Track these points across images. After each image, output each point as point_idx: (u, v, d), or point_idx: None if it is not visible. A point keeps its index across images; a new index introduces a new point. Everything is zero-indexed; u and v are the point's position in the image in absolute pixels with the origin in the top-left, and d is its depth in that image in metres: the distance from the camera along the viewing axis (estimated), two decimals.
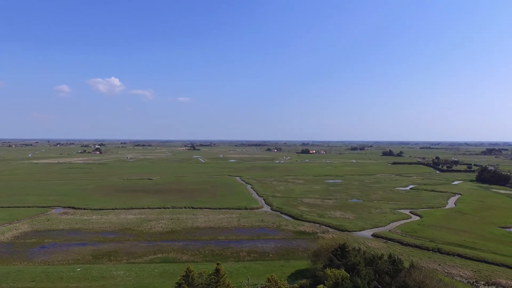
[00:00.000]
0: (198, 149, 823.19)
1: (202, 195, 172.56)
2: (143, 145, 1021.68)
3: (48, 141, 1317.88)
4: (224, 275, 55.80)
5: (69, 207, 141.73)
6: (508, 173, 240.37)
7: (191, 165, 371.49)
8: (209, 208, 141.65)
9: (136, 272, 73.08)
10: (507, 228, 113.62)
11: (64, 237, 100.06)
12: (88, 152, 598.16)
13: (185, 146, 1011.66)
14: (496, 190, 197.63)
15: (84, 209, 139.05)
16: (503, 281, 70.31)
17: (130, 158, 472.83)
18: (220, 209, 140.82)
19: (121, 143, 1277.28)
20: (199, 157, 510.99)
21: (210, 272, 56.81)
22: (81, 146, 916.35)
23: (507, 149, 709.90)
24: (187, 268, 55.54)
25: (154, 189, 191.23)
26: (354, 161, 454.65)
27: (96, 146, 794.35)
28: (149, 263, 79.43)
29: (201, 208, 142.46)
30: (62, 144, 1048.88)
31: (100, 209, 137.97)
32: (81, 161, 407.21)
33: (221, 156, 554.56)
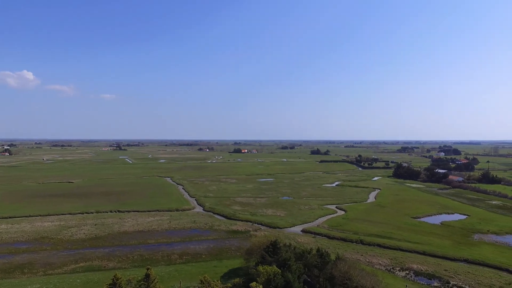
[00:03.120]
0: (124, 149, 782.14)
1: (130, 197, 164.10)
2: (62, 145, 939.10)
3: None
4: (154, 280, 53.66)
5: None
6: (419, 169, 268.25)
7: (117, 166, 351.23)
8: (138, 211, 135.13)
9: (55, 284, 66.62)
10: (418, 218, 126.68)
11: None
12: None
13: (110, 146, 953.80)
14: (409, 185, 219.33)
15: None
16: (415, 266, 78.28)
17: (47, 160, 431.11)
18: (149, 211, 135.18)
19: (36, 143, 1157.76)
20: (126, 158, 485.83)
21: (140, 278, 54.19)
22: None
23: (418, 147, 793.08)
24: (114, 276, 52.21)
25: (75, 193, 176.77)
26: (285, 159, 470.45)
27: (5, 147, 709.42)
28: (70, 274, 72.98)
29: (128, 211, 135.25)
30: None
31: (10, 217, 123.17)
32: None
33: (150, 156, 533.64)
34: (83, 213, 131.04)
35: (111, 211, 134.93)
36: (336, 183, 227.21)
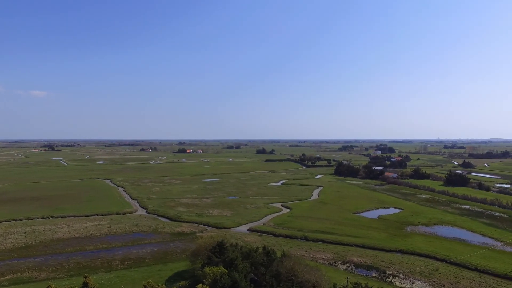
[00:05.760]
0: (58, 150, 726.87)
1: (65, 202, 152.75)
2: None
3: None
4: None
5: None
6: (358, 167, 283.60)
7: (50, 169, 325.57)
8: (74, 216, 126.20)
9: None
10: (358, 213, 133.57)
11: None
12: None
13: (42, 146, 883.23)
14: (350, 182, 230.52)
15: None
16: (355, 259, 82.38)
17: None
18: (87, 216, 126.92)
19: None
20: (60, 159, 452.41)
21: (77, 287, 50.59)
22: None
23: (357, 146, 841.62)
24: (47, 287, 48.19)
25: (0, 199, 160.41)
26: (231, 159, 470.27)
27: None
28: None
29: (63, 216, 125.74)
30: None
31: None
32: None
33: (87, 157, 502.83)
34: (9, 221, 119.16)
35: (43, 217, 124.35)
36: (281, 181, 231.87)
